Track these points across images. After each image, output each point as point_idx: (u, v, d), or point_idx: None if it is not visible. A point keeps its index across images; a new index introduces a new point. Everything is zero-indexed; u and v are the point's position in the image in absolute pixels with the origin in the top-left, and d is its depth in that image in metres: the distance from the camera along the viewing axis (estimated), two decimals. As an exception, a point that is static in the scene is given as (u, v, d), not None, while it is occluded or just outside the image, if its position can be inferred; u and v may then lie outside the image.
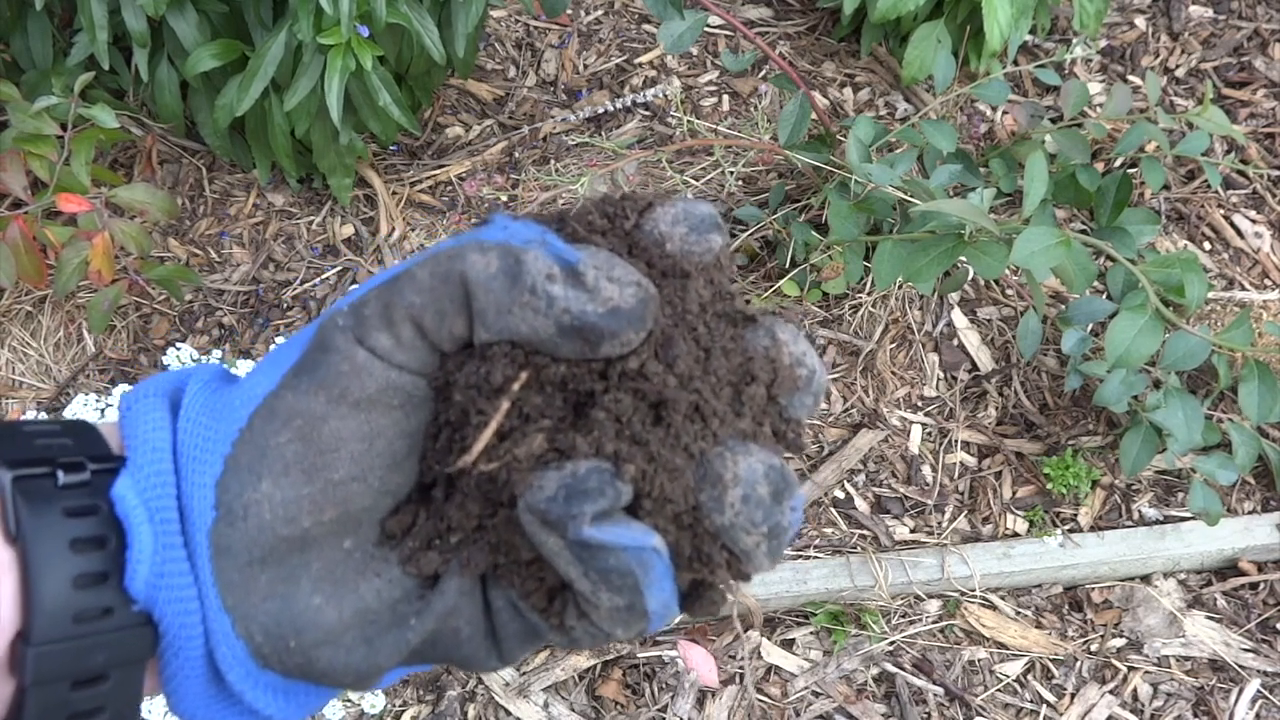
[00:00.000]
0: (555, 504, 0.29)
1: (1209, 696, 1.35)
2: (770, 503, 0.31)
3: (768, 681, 1.34)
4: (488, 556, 0.32)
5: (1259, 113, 1.80)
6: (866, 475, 1.47)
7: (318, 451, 0.32)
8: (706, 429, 0.31)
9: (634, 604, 0.31)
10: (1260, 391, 1.17)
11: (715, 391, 0.32)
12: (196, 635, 0.32)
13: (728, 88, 1.81)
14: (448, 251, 0.31)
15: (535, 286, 0.30)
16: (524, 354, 0.31)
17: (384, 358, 0.31)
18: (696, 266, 0.33)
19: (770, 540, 0.31)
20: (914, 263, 1.15)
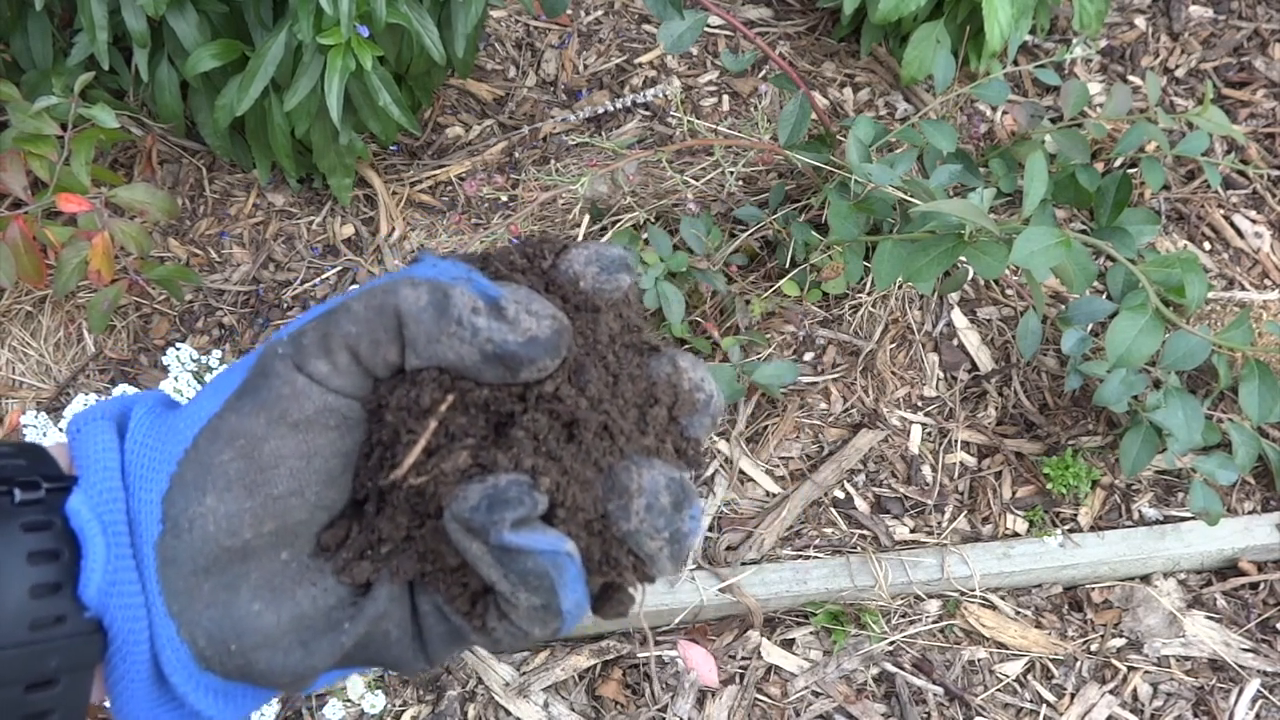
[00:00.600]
0: (478, 512, 0.32)
1: (1209, 696, 1.35)
2: (671, 511, 0.34)
3: (768, 681, 1.34)
4: (416, 565, 0.35)
5: (1259, 113, 1.80)
6: (866, 475, 1.47)
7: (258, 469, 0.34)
8: (614, 445, 0.35)
9: (549, 604, 0.34)
10: (1260, 391, 1.17)
11: (622, 412, 0.35)
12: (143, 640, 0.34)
13: (728, 88, 1.81)
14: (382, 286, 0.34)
15: (461, 318, 0.33)
16: (450, 379, 0.34)
17: (321, 382, 0.34)
18: (606, 302, 0.37)
19: (672, 545, 0.35)
20: (914, 263, 1.15)
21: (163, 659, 0.35)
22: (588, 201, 1.61)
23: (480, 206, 1.65)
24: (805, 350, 1.54)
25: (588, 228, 1.59)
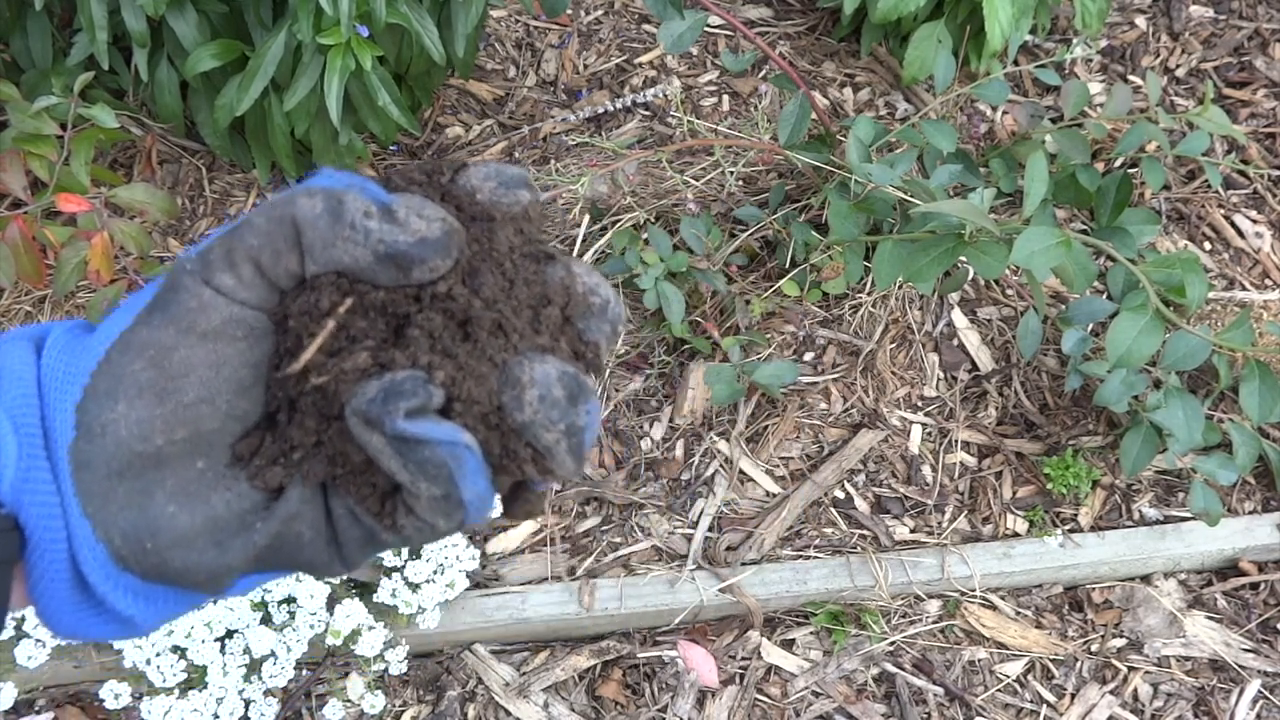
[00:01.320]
0: (374, 404, 0.34)
1: (1209, 697, 1.35)
2: (566, 404, 0.36)
3: (768, 682, 1.34)
4: (326, 467, 0.37)
5: (1259, 113, 1.80)
6: (866, 475, 1.47)
7: (169, 377, 0.35)
8: (508, 343, 0.36)
9: (450, 493, 0.35)
10: (1261, 391, 1.17)
11: (516, 312, 0.37)
12: (60, 538, 0.35)
13: (728, 88, 1.81)
14: (281, 199, 0.35)
15: (354, 222, 0.35)
16: (349, 283, 0.36)
17: (227, 295, 0.35)
18: (505, 215, 0.38)
19: (569, 438, 0.36)
20: (914, 263, 1.15)
21: (81, 560, 0.36)
22: (588, 201, 1.61)
23: (480, 206, 1.65)
24: (805, 350, 1.54)
25: (588, 227, 1.59)
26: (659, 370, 1.53)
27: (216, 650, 1.24)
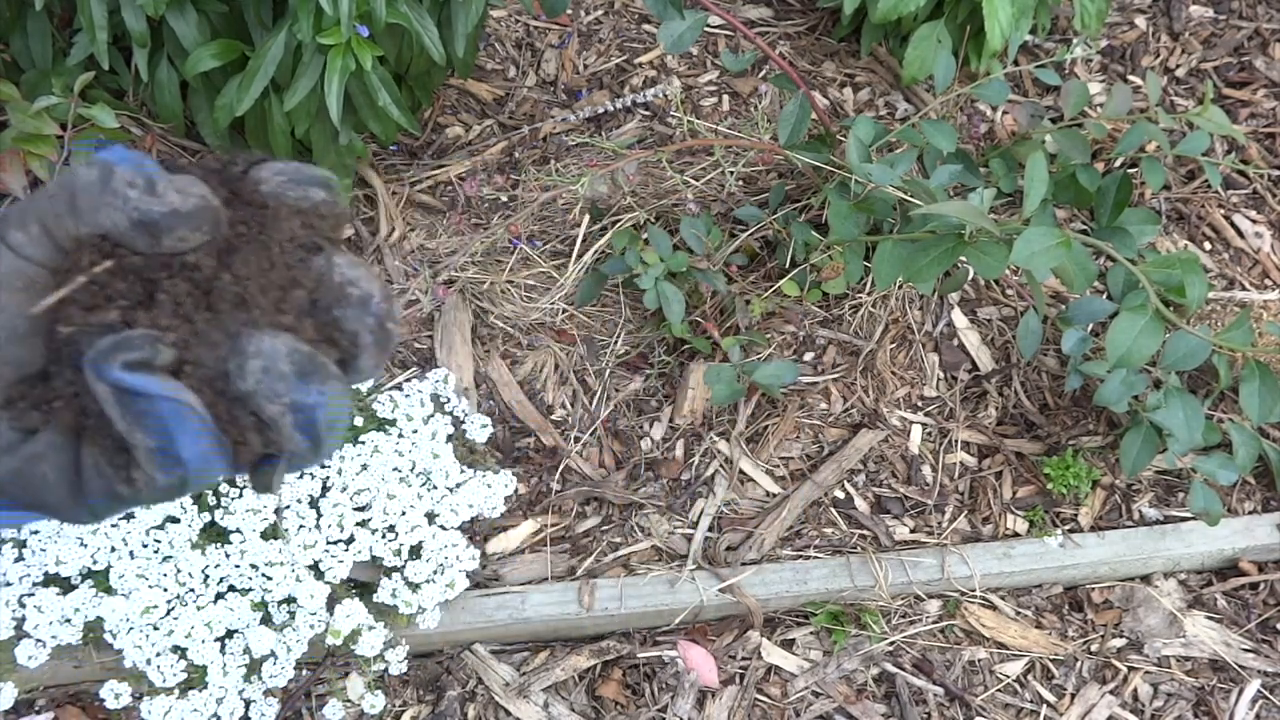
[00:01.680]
0: (101, 353, 0.37)
1: (1209, 697, 1.35)
2: (294, 379, 0.38)
3: (768, 682, 1.34)
4: (76, 417, 0.39)
5: (1259, 113, 1.80)
6: (867, 475, 1.47)
7: None
8: (249, 318, 0.39)
9: (168, 448, 0.37)
10: (1261, 392, 1.17)
11: (263, 291, 0.39)
12: None
13: (728, 88, 1.81)
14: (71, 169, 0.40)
15: (117, 190, 0.38)
16: (111, 246, 0.39)
17: (15, 250, 0.39)
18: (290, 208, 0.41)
19: (294, 414, 0.38)
20: (914, 263, 1.15)
21: None
22: (588, 201, 1.61)
23: (480, 206, 1.65)
24: (805, 350, 1.54)
25: (588, 227, 1.59)
26: (659, 370, 1.53)
27: (216, 650, 1.24)
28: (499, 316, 1.55)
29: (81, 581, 1.25)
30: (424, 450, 1.35)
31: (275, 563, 1.25)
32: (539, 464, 1.46)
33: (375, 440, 1.31)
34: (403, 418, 1.35)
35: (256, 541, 1.25)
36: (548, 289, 1.57)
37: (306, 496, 1.28)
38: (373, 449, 1.31)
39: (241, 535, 1.25)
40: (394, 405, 1.35)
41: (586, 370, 1.53)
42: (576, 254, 1.58)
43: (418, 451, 1.35)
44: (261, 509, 1.25)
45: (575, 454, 1.46)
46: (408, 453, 1.33)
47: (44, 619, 1.21)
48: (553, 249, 1.61)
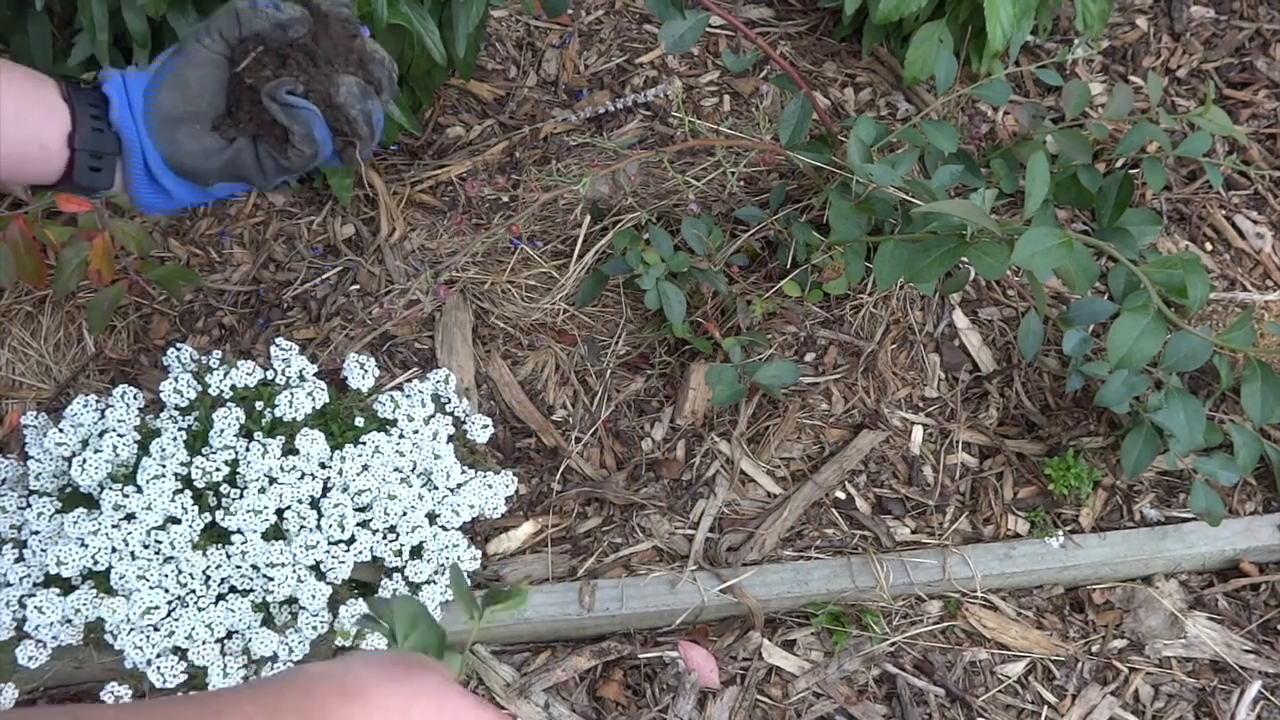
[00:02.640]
0: (270, 89, 0.77)
1: (1210, 698, 1.35)
2: (360, 95, 0.80)
3: (769, 682, 1.34)
4: (254, 127, 0.79)
5: (1260, 113, 1.80)
6: (868, 476, 1.47)
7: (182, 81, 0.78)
8: (333, 68, 0.80)
9: (310, 133, 0.78)
10: (1263, 392, 1.17)
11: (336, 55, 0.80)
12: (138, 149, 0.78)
13: (729, 88, 1.81)
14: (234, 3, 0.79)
15: (261, 10, 0.78)
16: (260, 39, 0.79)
17: (208, 47, 0.78)
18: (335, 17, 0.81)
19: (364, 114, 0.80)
20: (915, 263, 1.15)
21: (150, 162, 0.79)
22: (589, 202, 1.61)
23: (481, 207, 1.65)
24: (806, 351, 1.54)
25: (589, 228, 1.59)
26: (660, 371, 1.53)
27: (217, 651, 1.24)
28: (500, 317, 1.55)
29: (82, 582, 1.24)
30: (425, 451, 1.35)
31: (277, 563, 1.25)
32: (540, 464, 1.46)
33: (376, 441, 1.31)
34: (404, 418, 1.35)
35: (258, 542, 1.25)
36: (549, 289, 1.57)
37: (308, 497, 1.28)
38: (373, 449, 1.30)
39: (243, 536, 1.25)
40: (395, 405, 1.35)
41: (587, 371, 1.53)
42: (577, 254, 1.57)
43: (419, 452, 1.34)
44: (263, 509, 1.25)
45: (576, 454, 1.46)
46: (409, 453, 1.33)
47: (45, 620, 1.21)
48: (554, 249, 1.61)
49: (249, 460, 1.26)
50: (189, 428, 1.31)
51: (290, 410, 1.28)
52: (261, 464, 1.25)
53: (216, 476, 1.26)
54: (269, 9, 0.79)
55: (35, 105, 0.76)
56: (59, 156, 0.77)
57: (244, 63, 0.79)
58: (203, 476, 1.25)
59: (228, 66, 0.79)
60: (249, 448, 1.27)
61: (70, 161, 0.77)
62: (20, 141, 0.76)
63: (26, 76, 0.77)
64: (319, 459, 1.28)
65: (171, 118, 0.78)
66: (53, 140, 0.76)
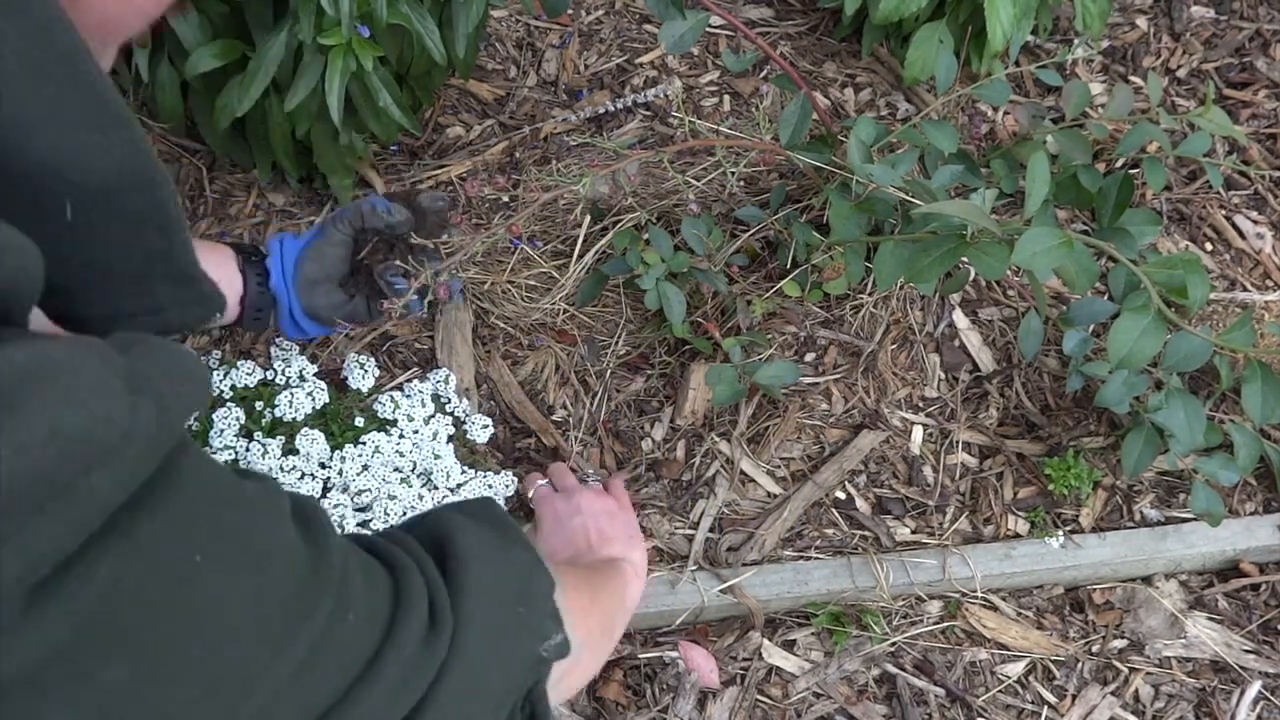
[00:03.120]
0: (385, 272, 1.21)
1: (1210, 698, 1.35)
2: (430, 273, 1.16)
3: (769, 682, 1.34)
4: (368, 290, 1.23)
5: (1261, 113, 1.80)
6: (868, 476, 1.47)
7: (321, 257, 1.20)
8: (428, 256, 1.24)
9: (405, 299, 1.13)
10: (1263, 392, 1.17)
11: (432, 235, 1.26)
12: (286, 304, 1.20)
13: (729, 88, 1.81)
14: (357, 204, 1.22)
15: (379, 213, 1.21)
16: (376, 232, 1.22)
17: (340, 232, 1.21)
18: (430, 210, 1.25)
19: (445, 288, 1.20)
20: (916, 263, 1.15)
21: (295, 312, 1.20)
22: (589, 202, 1.61)
23: (481, 207, 1.65)
24: (807, 351, 1.54)
25: (589, 228, 1.59)
26: (660, 371, 1.53)
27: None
28: (500, 317, 1.54)
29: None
30: (425, 451, 1.35)
31: (276, 563, 1.25)
32: (540, 465, 1.46)
33: (376, 441, 1.31)
34: (404, 418, 1.35)
35: (257, 542, 1.25)
36: (549, 289, 1.57)
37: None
38: (374, 449, 1.30)
39: (242, 536, 1.25)
40: (395, 405, 1.35)
41: (587, 371, 1.53)
42: (577, 254, 1.57)
43: (419, 452, 1.34)
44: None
45: (576, 455, 1.46)
46: (409, 453, 1.33)
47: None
48: (554, 249, 1.60)
49: (249, 460, 1.26)
50: (189, 427, 1.31)
51: (290, 410, 1.28)
52: (261, 464, 1.25)
53: (216, 476, 1.26)
54: (383, 211, 1.18)
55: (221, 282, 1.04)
56: (233, 311, 1.17)
57: (364, 251, 1.21)
58: (203, 476, 1.25)
59: (352, 245, 1.21)
60: (249, 448, 1.27)
61: (241, 314, 1.18)
62: None
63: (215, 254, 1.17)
64: (319, 459, 1.28)
65: (311, 281, 1.18)
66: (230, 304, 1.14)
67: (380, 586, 0.61)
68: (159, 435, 0.42)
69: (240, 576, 0.47)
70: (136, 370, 0.42)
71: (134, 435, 0.40)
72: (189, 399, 0.45)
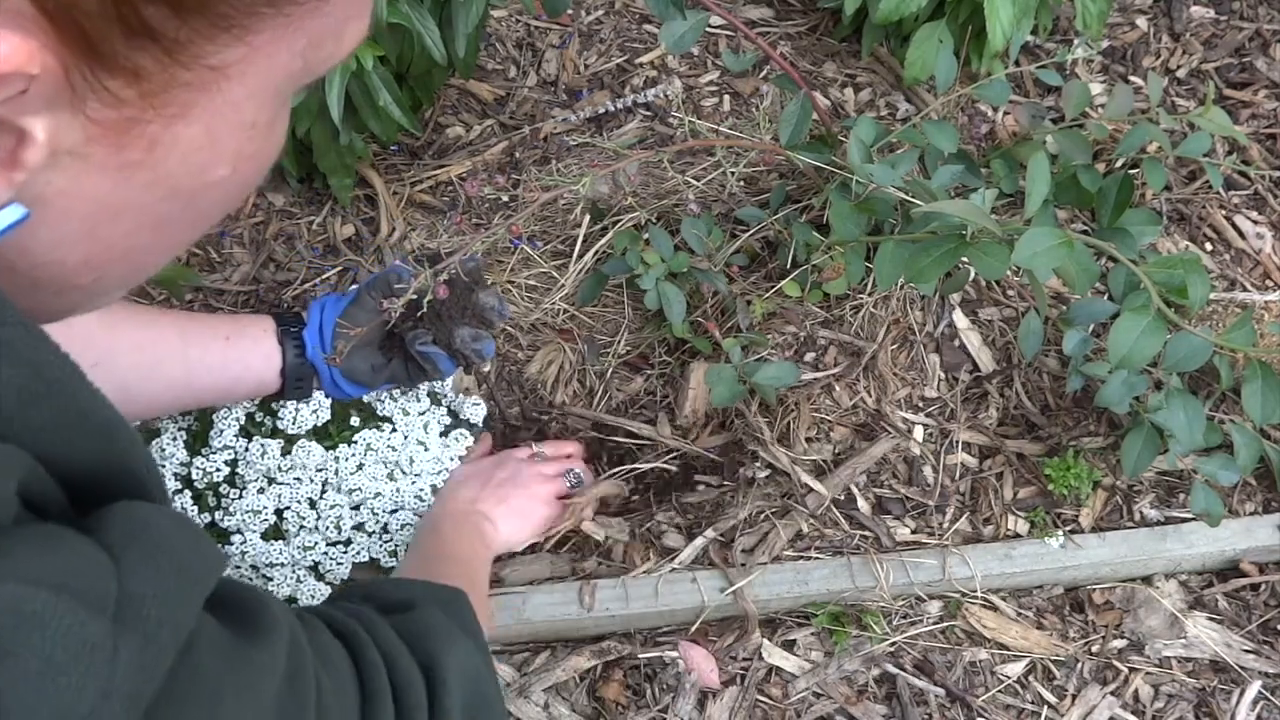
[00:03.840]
0: (414, 340, 1.20)
1: (1210, 698, 1.35)
2: (471, 339, 1.21)
3: (769, 682, 1.34)
4: (403, 355, 1.22)
5: (1260, 113, 1.80)
6: (868, 476, 1.46)
7: (355, 323, 1.20)
8: (455, 321, 1.21)
9: (441, 368, 1.22)
10: (1263, 392, 1.17)
11: (458, 311, 1.21)
12: (326, 371, 1.21)
13: (729, 88, 1.81)
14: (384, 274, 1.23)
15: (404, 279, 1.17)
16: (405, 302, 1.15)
17: (371, 298, 1.20)
18: (464, 274, 1.20)
19: (475, 351, 1.21)
20: (916, 263, 1.15)
21: (336, 377, 1.22)
22: (589, 202, 1.61)
23: (481, 206, 1.65)
24: (806, 351, 1.54)
25: (589, 228, 1.59)
26: (660, 370, 1.53)
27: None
28: (500, 317, 1.55)
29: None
30: (412, 440, 1.35)
31: (276, 563, 1.25)
32: (540, 464, 1.46)
33: (368, 439, 1.30)
34: (399, 412, 1.34)
35: (257, 542, 1.25)
36: (549, 289, 1.57)
37: (307, 498, 1.28)
38: (365, 447, 1.30)
39: (242, 536, 1.25)
40: (392, 401, 1.35)
41: (588, 370, 1.53)
42: (577, 254, 1.57)
43: (407, 445, 1.34)
44: (262, 509, 1.25)
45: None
46: (399, 447, 1.32)
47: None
48: (554, 249, 1.60)
49: (249, 460, 1.26)
50: (188, 428, 1.30)
51: (294, 426, 1.27)
52: (261, 464, 1.25)
53: (216, 477, 1.25)
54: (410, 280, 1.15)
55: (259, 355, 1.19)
56: (275, 384, 1.21)
57: (393, 321, 1.18)
58: (202, 477, 1.25)
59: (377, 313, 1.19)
60: (248, 448, 1.26)
61: (282, 386, 1.21)
62: (253, 382, 1.20)
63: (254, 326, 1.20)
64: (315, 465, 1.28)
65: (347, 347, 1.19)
66: (271, 377, 1.20)
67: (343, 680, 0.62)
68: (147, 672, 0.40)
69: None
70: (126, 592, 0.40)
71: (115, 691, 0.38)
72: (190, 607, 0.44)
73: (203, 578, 0.45)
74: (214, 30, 0.39)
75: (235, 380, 1.18)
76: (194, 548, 0.45)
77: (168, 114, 0.40)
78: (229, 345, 1.16)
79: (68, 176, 0.40)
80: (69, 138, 0.39)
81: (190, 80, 0.40)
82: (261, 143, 0.46)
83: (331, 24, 0.43)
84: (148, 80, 0.39)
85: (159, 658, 0.41)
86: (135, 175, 0.42)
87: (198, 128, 0.42)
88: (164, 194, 0.44)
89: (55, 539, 0.39)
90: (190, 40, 0.38)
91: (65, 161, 0.40)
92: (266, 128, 0.45)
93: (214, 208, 0.48)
